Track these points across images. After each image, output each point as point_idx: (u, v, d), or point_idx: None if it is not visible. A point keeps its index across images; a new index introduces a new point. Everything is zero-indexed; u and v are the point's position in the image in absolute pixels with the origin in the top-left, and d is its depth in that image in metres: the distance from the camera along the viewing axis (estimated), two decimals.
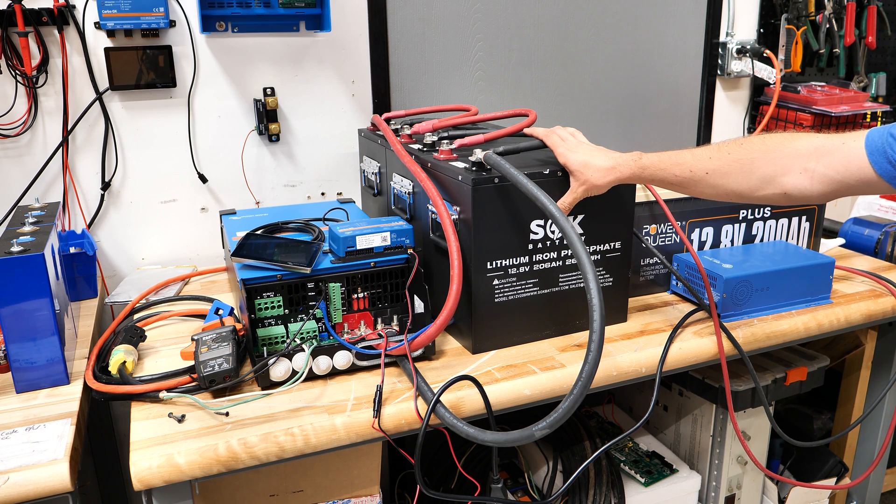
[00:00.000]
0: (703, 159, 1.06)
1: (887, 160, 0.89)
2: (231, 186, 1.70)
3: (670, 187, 1.14)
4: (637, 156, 1.14)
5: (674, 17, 2.10)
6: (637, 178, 1.14)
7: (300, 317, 1.11)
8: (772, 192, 1.01)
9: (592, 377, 0.90)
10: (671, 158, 1.10)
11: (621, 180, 1.15)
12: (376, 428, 1.02)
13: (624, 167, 1.13)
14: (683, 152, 1.10)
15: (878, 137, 0.91)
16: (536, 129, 1.29)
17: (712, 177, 1.05)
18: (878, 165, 0.90)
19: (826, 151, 0.95)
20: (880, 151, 0.90)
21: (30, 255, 1.04)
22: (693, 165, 1.07)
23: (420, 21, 1.80)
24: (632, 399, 1.78)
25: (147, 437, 0.97)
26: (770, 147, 1.01)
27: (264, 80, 1.67)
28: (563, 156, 1.18)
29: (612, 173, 1.14)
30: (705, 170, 1.05)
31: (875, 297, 1.46)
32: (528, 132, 1.30)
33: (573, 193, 1.16)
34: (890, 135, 0.89)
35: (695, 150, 1.09)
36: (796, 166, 0.98)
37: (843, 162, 0.93)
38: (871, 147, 0.91)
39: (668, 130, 2.20)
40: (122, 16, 1.47)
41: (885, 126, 0.92)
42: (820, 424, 1.80)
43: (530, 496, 1.48)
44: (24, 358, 1.09)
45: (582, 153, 1.16)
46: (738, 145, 1.04)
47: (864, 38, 2.28)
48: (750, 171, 1.01)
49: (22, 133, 1.51)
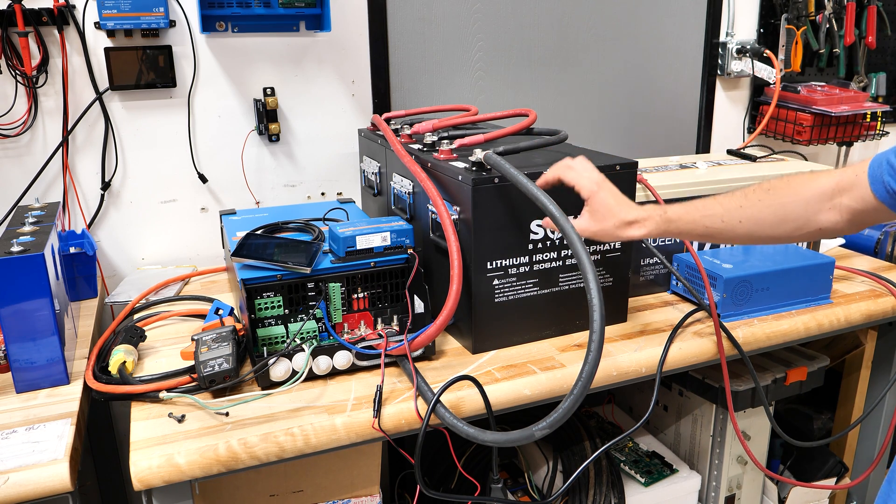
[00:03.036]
0: (733, 209, 1.05)
1: (885, 188, 0.91)
2: (231, 186, 1.71)
3: (699, 238, 1.12)
4: (662, 210, 1.09)
5: (674, 17, 2.10)
6: (663, 232, 1.10)
7: (300, 317, 1.11)
8: (807, 231, 1.02)
9: (592, 377, 0.90)
10: (700, 210, 1.07)
11: (644, 237, 1.10)
12: (376, 428, 1.02)
13: (649, 222, 1.08)
14: (710, 202, 1.08)
15: (877, 167, 0.93)
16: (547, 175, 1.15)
17: (746, 225, 1.04)
18: (879, 194, 0.93)
19: (846, 185, 0.97)
20: (878, 180, 0.92)
21: (30, 255, 1.04)
22: (724, 216, 1.05)
23: (420, 21, 1.80)
24: (632, 399, 1.78)
25: (147, 437, 0.97)
26: (797, 189, 1.01)
27: (264, 80, 1.67)
28: (586, 189, 1.09)
29: (635, 228, 1.08)
30: (738, 219, 1.05)
31: (875, 297, 1.46)
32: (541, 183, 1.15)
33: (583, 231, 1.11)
34: (887, 163, 0.91)
35: (722, 200, 1.07)
36: (826, 204, 0.99)
37: (861, 194, 0.95)
38: (872, 177, 0.93)
39: (668, 130, 2.20)
40: (122, 16, 1.47)
41: (884, 152, 0.93)
42: (820, 424, 1.80)
43: (530, 496, 1.47)
44: (24, 358, 1.09)
45: (609, 195, 1.09)
46: (766, 192, 1.04)
47: (864, 38, 2.28)
48: (784, 215, 1.02)
49: (22, 133, 1.51)
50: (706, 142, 2.23)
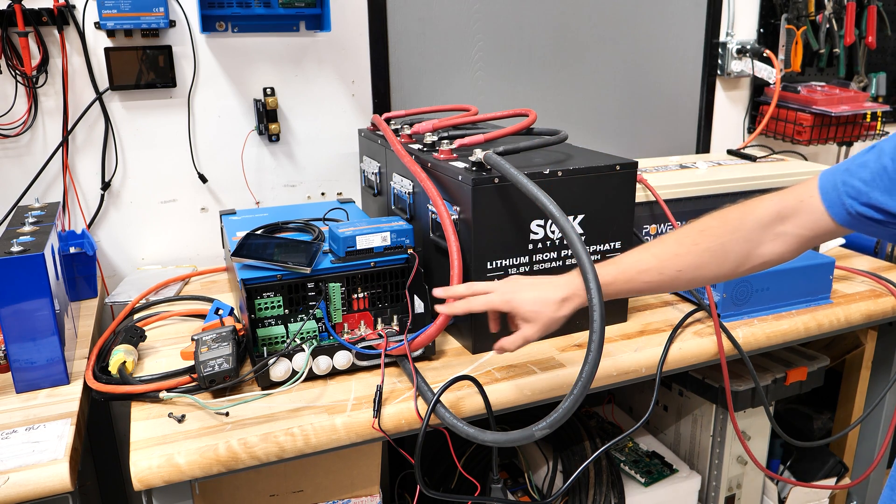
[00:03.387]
0: (668, 258, 0.98)
1: (846, 212, 0.87)
2: (231, 186, 1.70)
3: (638, 294, 1.06)
4: None
5: (674, 17, 2.10)
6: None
7: (300, 317, 1.11)
8: (750, 265, 0.97)
9: (592, 377, 0.90)
10: (633, 266, 1.00)
11: (582, 306, 1.00)
12: (376, 428, 1.02)
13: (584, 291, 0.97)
14: (643, 255, 1.00)
15: (831, 189, 0.88)
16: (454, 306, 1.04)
17: (686, 273, 0.98)
18: (840, 218, 0.88)
19: (788, 213, 0.92)
20: (838, 204, 0.87)
21: (30, 255, 1.04)
22: (661, 268, 0.99)
23: (420, 21, 1.80)
24: (632, 399, 1.78)
25: (147, 437, 0.97)
26: (734, 225, 0.96)
27: (264, 80, 1.67)
28: (507, 304, 0.99)
29: (572, 303, 0.99)
30: (676, 268, 0.98)
31: (875, 297, 1.46)
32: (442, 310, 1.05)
33: (525, 339, 0.99)
34: (843, 183, 0.87)
35: (655, 251, 1.00)
36: (767, 235, 0.94)
37: (809, 220, 0.90)
38: (828, 201, 0.88)
39: (668, 130, 2.20)
40: (122, 16, 1.47)
41: (832, 172, 0.89)
42: (820, 424, 1.80)
43: (530, 496, 1.47)
44: (24, 358, 1.09)
45: (527, 293, 1.00)
46: (700, 233, 0.98)
47: (864, 38, 2.28)
48: (724, 255, 0.96)
49: (22, 133, 1.51)
50: (706, 142, 2.23)
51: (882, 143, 0.84)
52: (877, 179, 0.83)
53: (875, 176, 0.83)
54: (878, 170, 0.83)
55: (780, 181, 1.64)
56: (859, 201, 0.85)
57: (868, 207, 0.84)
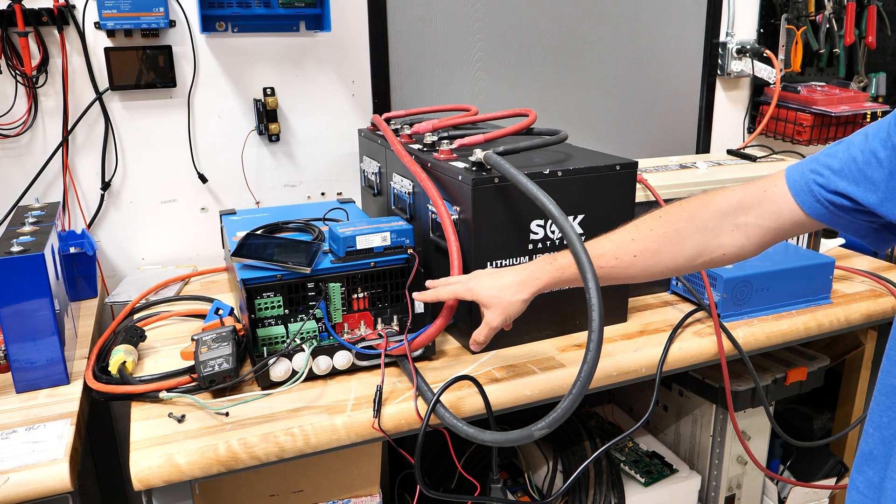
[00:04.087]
0: (625, 243, 0.98)
1: (815, 199, 0.85)
2: (231, 186, 1.71)
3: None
4: (550, 258, 1.04)
5: (674, 17, 2.10)
6: (559, 281, 1.03)
7: (300, 317, 1.11)
8: (709, 257, 0.95)
9: (591, 377, 0.90)
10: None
11: (542, 290, 1.03)
12: (376, 428, 1.02)
13: (541, 274, 1.02)
14: (601, 241, 1.01)
15: (799, 177, 0.87)
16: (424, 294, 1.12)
17: (641, 259, 0.97)
18: (807, 206, 0.86)
19: (750, 203, 0.90)
20: (806, 191, 0.86)
21: (30, 255, 1.04)
22: (617, 252, 0.99)
23: (420, 21, 1.80)
24: (632, 399, 1.78)
25: (147, 437, 0.97)
26: (692, 213, 0.95)
27: (264, 80, 1.67)
28: (469, 291, 1.04)
29: (528, 286, 1.02)
30: (632, 253, 0.97)
31: (875, 297, 1.46)
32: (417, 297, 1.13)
33: (489, 326, 1.03)
34: (811, 171, 0.86)
35: (612, 236, 1.01)
36: (726, 225, 0.92)
37: (772, 210, 0.89)
38: (795, 188, 0.87)
39: (668, 130, 2.20)
40: (122, 16, 1.47)
41: (800, 163, 0.88)
42: (820, 424, 1.80)
43: (530, 496, 1.48)
44: (24, 358, 1.09)
45: (486, 279, 1.04)
46: (657, 219, 0.97)
47: (864, 38, 2.28)
48: (680, 242, 0.95)
49: (22, 133, 1.51)
50: (706, 142, 2.23)
51: (851, 137, 0.85)
52: (845, 169, 0.83)
53: (844, 165, 0.83)
54: (846, 160, 0.83)
55: None
56: (827, 189, 0.84)
57: (836, 195, 0.84)
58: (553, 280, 1.03)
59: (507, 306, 1.02)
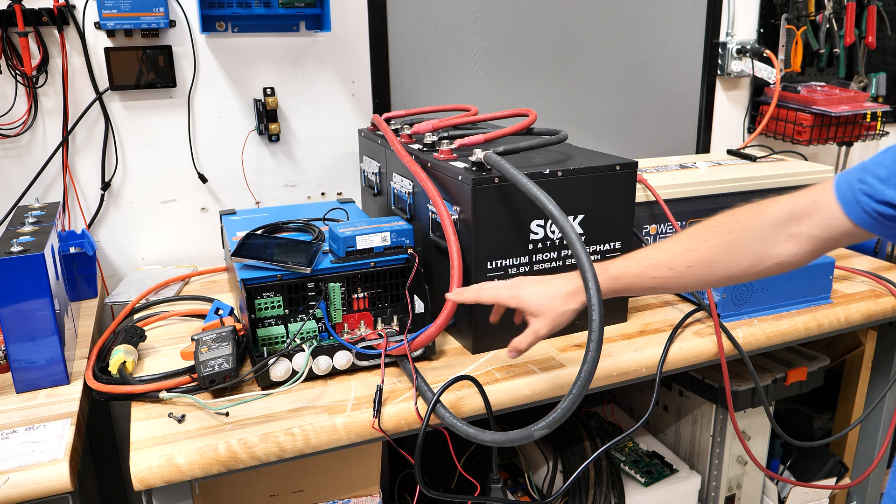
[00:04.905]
0: (679, 253, 0.97)
1: (862, 209, 0.85)
2: (231, 186, 1.71)
3: (649, 291, 1.04)
4: (602, 268, 1.00)
5: (674, 17, 2.10)
6: (610, 291, 1.00)
7: (300, 317, 1.11)
8: (763, 266, 0.94)
9: (591, 377, 0.90)
10: (643, 261, 0.99)
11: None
12: (376, 428, 1.02)
13: None
14: (653, 251, 1.00)
15: (847, 188, 0.86)
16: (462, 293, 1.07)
17: (696, 269, 0.96)
18: (856, 216, 0.86)
19: (803, 212, 0.90)
20: (853, 202, 0.85)
21: (30, 255, 1.04)
22: (671, 263, 0.97)
23: (420, 21, 1.80)
24: (632, 399, 1.78)
25: (147, 437, 0.97)
26: (746, 223, 0.94)
27: (264, 80, 1.67)
28: (514, 299, 1.01)
29: (580, 296, 0.98)
30: (686, 263, 0.96)
31: (875, 297, 1.46)
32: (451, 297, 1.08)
33: (537, 335, 0.99)
34: (858, 181, 0.85)
35: (665, 246, 0.99)
36: (780, 235, 0.92)
37: (824, 220, 0.89)
38: (843, 199, 0.87)
39: (668, 130, 2.20)
40: (122, 16, 1.47)
41: (848, 172, 0.88)
42: (820, 424, 1.80)
43: (530, 496, 1.48)
44: (24, 358, 1.09)
45: (533, 287, 1.01)
46: (711, 229, 0.96)
47: (864, 38, 2.28)
48: (735, 252, 0.94)
49: (22, 133, 1.51)
50: (706, 142, 2.23)
51: None
52: (892, 178, 0.81)
53: (891, 173, 0.82)
54: (894, 168, 0.82)
55: (781, 181, 1.64)
56: (875, 199, 0.83)
57: (884, 205, 0.82)
58: (605, 290, 0.98)
59: (557, 316, 0.99)
